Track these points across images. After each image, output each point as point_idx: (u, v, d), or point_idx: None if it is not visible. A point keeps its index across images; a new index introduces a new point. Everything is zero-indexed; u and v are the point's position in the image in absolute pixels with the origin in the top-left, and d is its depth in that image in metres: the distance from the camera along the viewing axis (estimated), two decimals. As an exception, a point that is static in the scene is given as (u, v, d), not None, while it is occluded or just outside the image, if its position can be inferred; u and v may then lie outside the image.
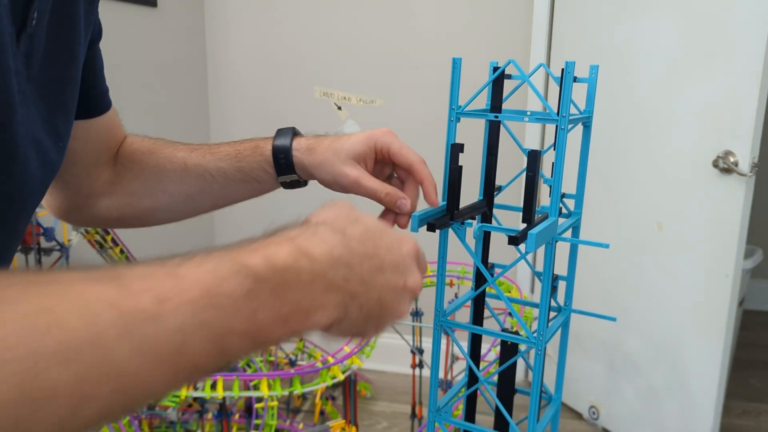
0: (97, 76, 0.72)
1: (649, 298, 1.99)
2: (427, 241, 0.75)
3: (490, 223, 0.79)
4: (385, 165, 0.75)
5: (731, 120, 1.71)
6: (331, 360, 1.77)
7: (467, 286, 1.93)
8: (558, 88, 0.67)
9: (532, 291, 2.44)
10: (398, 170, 0.75)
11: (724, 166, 1.72)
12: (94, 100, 0.72)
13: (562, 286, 0.84)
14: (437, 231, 0.71)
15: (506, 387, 0.81)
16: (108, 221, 0.81)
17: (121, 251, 1.87)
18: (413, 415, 2.10)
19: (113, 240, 1.83)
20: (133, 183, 0.80)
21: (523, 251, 0.72)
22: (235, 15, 2.51)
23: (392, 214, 0.73)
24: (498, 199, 0.80)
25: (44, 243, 1.69)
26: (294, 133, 0.77)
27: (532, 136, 2.32)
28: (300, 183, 0.78)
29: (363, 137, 0.72)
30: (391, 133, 0.73)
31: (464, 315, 2.13)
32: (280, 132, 0.77)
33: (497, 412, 0.81)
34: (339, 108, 2.47)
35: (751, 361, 2.72)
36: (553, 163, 0.68)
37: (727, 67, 1.70)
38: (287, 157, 0.75)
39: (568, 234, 0.77)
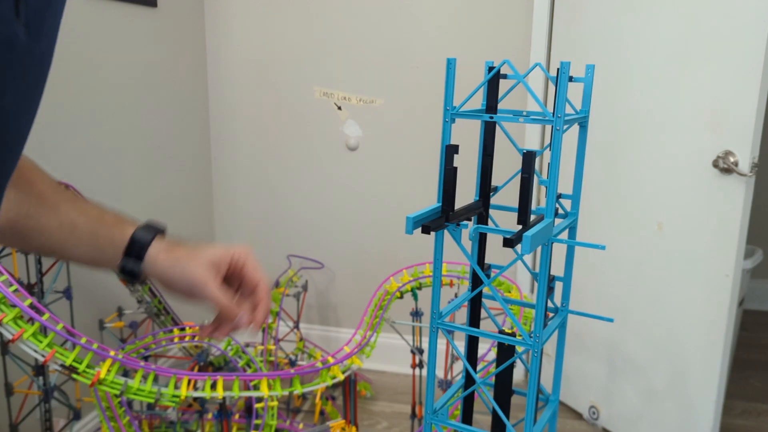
0: None
1: (649, 298, 1.99)
2: (424, 243, 0.75)
3: (486, 223, 0.79)
4: (233, 281, 0.79)
5: (731, 120, 1.71)
6: (331, 360, 1.77)
7: (467, 286, 1.93)
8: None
9: (532, 291, 2.43)
10: (244, 287, 0.79)
11: (724, 166, 1.71)
12: None
13: (559, 286, 0.84)
14: (432, 233, 0.71)
15: (503, 388, 0.80)
16: None
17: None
18: (413, 415, 2.10)
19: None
20: None
21: (519, 252, 0.72)
22: (235, 15, 2.51)
23: (217, 322, 0.78)
24: (494, 200, 0.80)
25: (44, 243, 1.69)
26: (162, 230, 0.78)
27: (531, 136, 2.31)
28: (136, 276, 0.75)
29: (223, 249, 0.77)
30: (250, 252, 0.77)
31: (464, 314, 2.13)
32: (150, 222, 0.78)
33: (495, 414, 0.81)
34: (339, 108, 2.47)
35: (751, 361, 2.71)
36: (548, 163, 0.68)
37: (727, 67, 1.70)
38: (142, 246, 0.74)
39: (564, 234, 0.77)
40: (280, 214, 2.61)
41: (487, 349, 1.87)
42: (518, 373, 2.47)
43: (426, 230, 0.68)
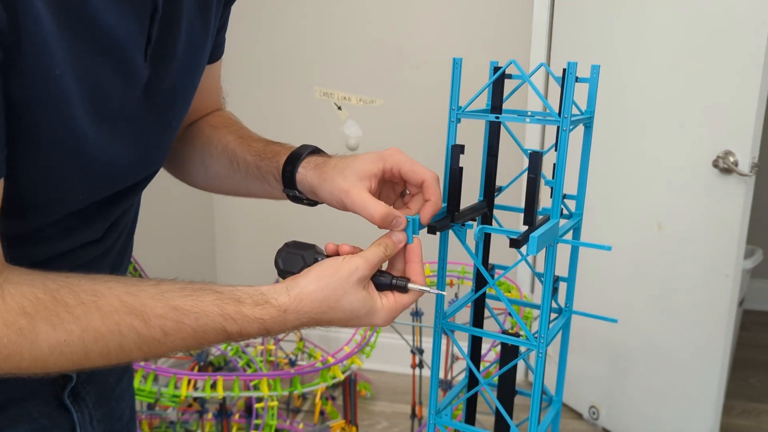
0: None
1: (649, 298, 1.99)
2: (428, 242, 0.75)
3: (491, 224, 0.78)
4: (396, 184, 0.74)
5: (731, 120, 1.71)
6: (331, 360, 1.77)
7: (467, 286, 1.93)
8: (558, 88, 0.67)
9: (532, 291, 2.43)
10: (410, 186, 0.73)
11: (724, 166, 1.71)
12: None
13: (562, 287, 0.84)
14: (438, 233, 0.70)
15: (507, 389, 0.80)
16: (166, 169, 0.90)
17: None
18: (413, 415, 2.10)
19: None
20: (186, 146, 0.86)
21: (525, 253, 0.72)
22: (235, 15, 2.50)
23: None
24: (498, 200, 0.79)
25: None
26: (313, 150, 0.76)
27: (532, 136, 2.31)
28: (303, 200, 0.77)
29: (372, 157, 0.70)
30: (400, 152, 0.70)
31: (464, 314, 2.13)
32: (302, 147, 0.77)
33: (498, 414, 0.81)
34: (339, 108, 2.47)
35: (751, 361, 2.71)
36: (553, 164, 0.68)
37: (727, 67, 1.70)
38: (292, 172, 0.74)
39: (569, 235, 0.77)
40: (280, 214, 2.60)
41: (487, 349, 1.87)
42: (518, 373, 2.46)
43: (432, 230, 0.67)
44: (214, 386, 1.62)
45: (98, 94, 0.57)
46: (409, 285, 0.66)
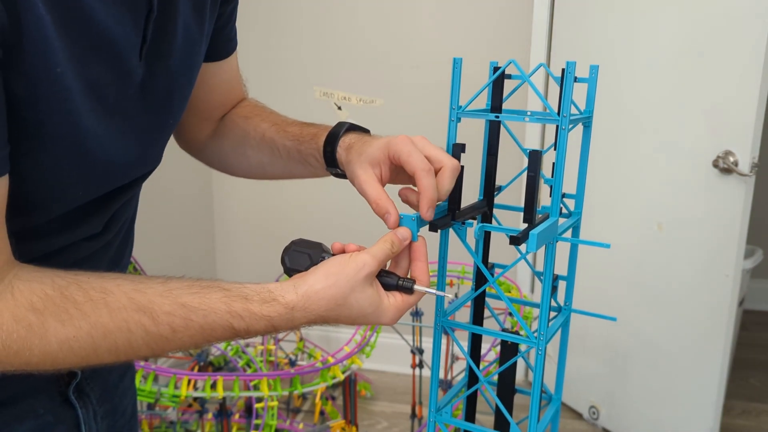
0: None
1: (648, 298, 1.99)
2: (428, 241, 0.75)
3: (491, 222, 0.79)
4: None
5: (731, 120, 1.71)
6: (331, 360, 1.77)
7: (467, 286, 1.93)
8: (558, 88, 0.67)
9: (532, 290, 2.44)
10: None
11: (724, 166, 1.72)
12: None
13: (562, 286, 0.84)
14: (438, 231, 0.71)
15: (507, 387, 0.81)
16: (208, 164, 0.96)
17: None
18: (413, 415, 2.10)
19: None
20: (224, 141, 0.89)
21: (524, 251, 0.72)
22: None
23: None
24: (497, 199, 0.80)
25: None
26: (349, 128, 0.78)
27: (531, 135, 2.31)
28: (345, 176, 0.78)
29: (381, 143, 0.71)
30: (404, 141, 0.70)
31: (464, 314, 2.13)
32: (338, 125, 0.79)
33: (497, 412, 0.81)
34: (339, 108, 2.47)
35: (751, 361, 2.71)
36: (553, 163, 0.68)
37: (727, 67, 1.70)
38: (332, 152, 0.77)
39: (568, 234, 0.77)
40: (280, 214, 2.60)
41: (487, 349, 1.87)
42: (518, 373, 2.47)
43: (433, 228, 0.68)
44: (214, 386, 1.63)
45: (96, 93, 0.58)
46: (415, 287, 0.66)
